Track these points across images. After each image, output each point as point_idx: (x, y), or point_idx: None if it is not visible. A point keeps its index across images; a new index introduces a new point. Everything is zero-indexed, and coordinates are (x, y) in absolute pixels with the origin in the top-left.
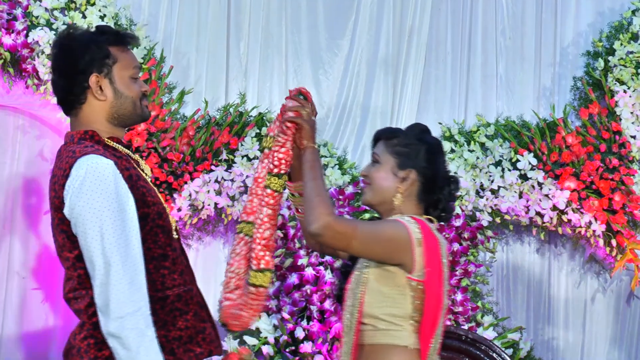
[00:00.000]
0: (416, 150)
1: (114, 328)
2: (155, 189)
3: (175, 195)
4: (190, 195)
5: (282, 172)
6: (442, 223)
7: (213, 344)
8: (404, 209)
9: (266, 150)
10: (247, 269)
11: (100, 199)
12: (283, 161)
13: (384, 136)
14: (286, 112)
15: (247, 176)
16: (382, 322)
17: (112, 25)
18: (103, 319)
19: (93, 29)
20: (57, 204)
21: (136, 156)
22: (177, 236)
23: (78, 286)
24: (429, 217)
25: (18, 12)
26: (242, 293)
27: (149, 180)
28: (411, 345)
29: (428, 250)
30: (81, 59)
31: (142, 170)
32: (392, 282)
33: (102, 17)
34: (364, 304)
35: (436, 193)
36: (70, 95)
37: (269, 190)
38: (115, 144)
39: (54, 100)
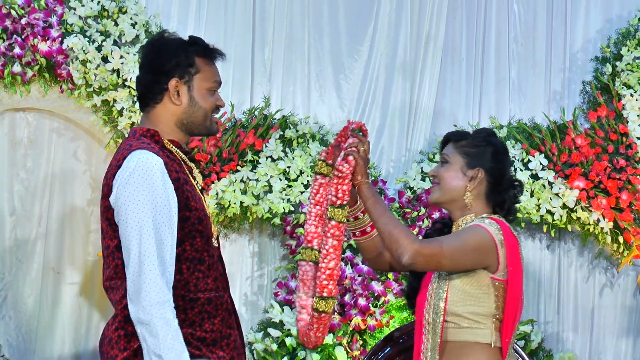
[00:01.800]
0: (484, 151)
1: (143, 315)
2: (202, 196)
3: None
4: (217, 194)
5: (345, 203)
6: None
7: (236, 351)
8: (475, 208)
9: (317, 176)
10: (313, 292)
11: (145, 192)
12: (346, 194)
13: (453, 138)
14: (348, 147)
15: (270, 176)
16: (466, 320)
17: (143, 33)
18: (133, 307)
19: (186, 38)
20: (106, 192)
21: (192, 164)
22: (217, 245)
23: (114, 275)
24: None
25: (53, 20)
26: (311, 315)
27: (197, 187)
28: (493, 342)
29: (510, 250)
30: (167, 62)
31: (194, 178)
32: (477, 282)
33: (133, 25)
34: (447, 302)
35: (502, 194)
36: (149, 92)
37: (333, 222)
38: (173, 147)
39: (87, 104)
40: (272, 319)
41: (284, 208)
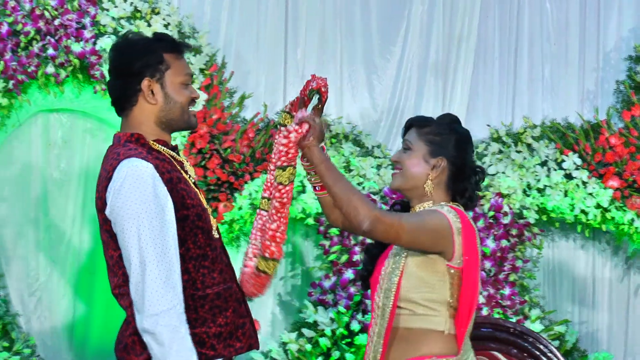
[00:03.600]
0: (447, 140)
1: (148, 325)
2: (196, 190)
3: (236, 195)
4: (250, 194)
5: (288, 165)
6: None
7: (252, 339)
8: (434, 196)
9: (281, 128)
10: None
11: (139, 200)
12: (289, 155)
13: (417, 124)
14: (298, 118)
15: (304, 176)
16: (420, 307)
17: (176, 33)
18: (138, 316)
19: (151, 36)
20: (100, 205)
21: (182, 157)
22: (217, 236)
23: (123, 283)
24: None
25: (86, 21)
26: (252, 270)
27: (191, 182)
28: (447, 330)
29: (466, 239)
30: (136, 62)
31: (186, 172)
32: (432, 268)
33: (166, 26)
34: (400, 288)
35: (464, 182)
36: (123, 96)
37: (275, 183)
38: (160, 146)
39: None
40: (306, 319)
41: (317, 208)
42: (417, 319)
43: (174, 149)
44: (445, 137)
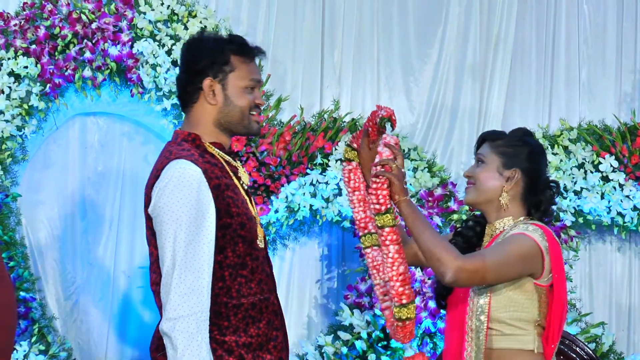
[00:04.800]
0: (520, 151)
1: (166, 328)
2: (246, 198)
3: (272, 198)
4: (286, 197)
5: (390, 207)
6: None
7: (283, 352)
8: (510, 209)
9: (344, 163)
10: (387, 277)
11: (180, 203)
12: (387, 198)
13: (489, 138)
14: (379, 164)
15: (340, 179)
16: (509, 327)
17: None
18: (162, 317)
19: (225, 36)
20: (146, 202)
21: (237, 163)
22: (262, 246)
23: (159, 281)
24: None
25: (123, 24)
26: (394, 324)
27: (242, 189)
28: (537, 349)
29: (554, 256)
30: (201, 60)
31: (239, 179)
32: (520, 288)
33: (203, 29)
34: (491, 308)
35: (538, 195)
36: (185, 92)
37: (387, 229)
38: (216, 149)
39: (158, 107)
40: (342, 322)
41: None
42: (506, 339)
43: (231, 153)
44: (518, 148)
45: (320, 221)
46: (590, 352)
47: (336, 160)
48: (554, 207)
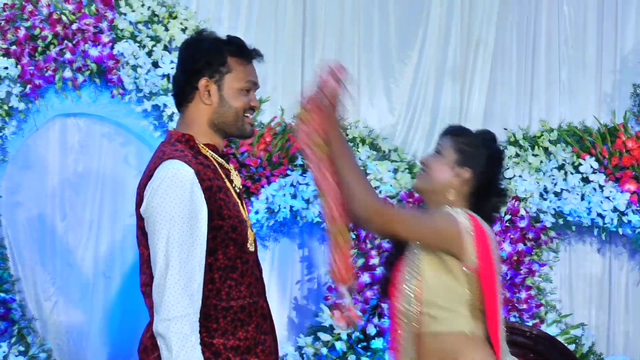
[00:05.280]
0: (479, 153)
1: (161, 329)
2: (238, 201)
3: (252, 199)
4: (267, 198)
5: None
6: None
7: (271, 356)
8: (451, 205)
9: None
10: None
11: (173, 203)
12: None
13: (453, 132)
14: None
15: None
16: (441, 310)
17: None
18: (155, 317)
19: (224, 37)
20: (138, 201)
21: (230, 166)
22: (252, 249)
23: (149, 282)
24: None
25: (104, 25)
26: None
27: (234, 192)
28: (474, 332)
29: (479, 242)
30: (198, 60)
31: (232, 181)
32: (448, 270)
33: (183, 30)
34: (422, 292)
35: (484, 200)
36: (181, 91)
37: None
38: (209, 151)
39: (139, 109)
40: (322, 323)
41: None
42: (438, 322)
43: (224, 156)
44: (478, 150)
45: (301, 222)
46: (571, 353)
47: None
48: (497, 215)
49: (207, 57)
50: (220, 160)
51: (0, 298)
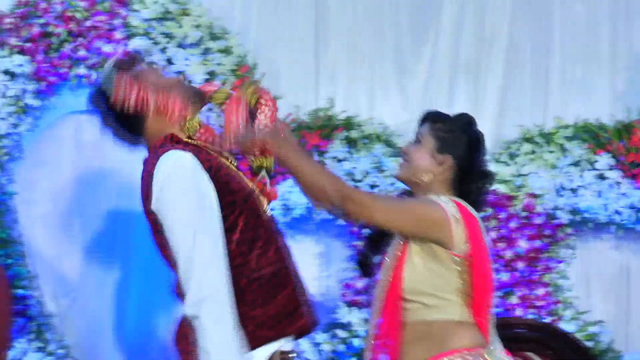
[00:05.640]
0: (458, 138)
1: (191, 311)
2: (240, 174)
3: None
4: (282, 195)
5: None
6: None
7: (316, 314)
8: (436, 192)
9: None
10: None
11: (182, 190)
12: None
13: (431, 118)
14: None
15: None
16: (431, 298)
17: (207, 35)
18: (185, 302)
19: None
20: (146, 205)
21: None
22: (269, 215)
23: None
24: None
25: (117, 22)
26: None
27: (233, 166)
28: (464, 318)
29: (469, 227)
30: None
31: (227, 159)
32: (434, 256)
33: (196, 27)
34: (405, 280)
35: (469, 184)
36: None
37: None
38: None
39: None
40: (339, 320)
41: None
42: (427, 310)
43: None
44: (456, 135)
45: (317, 219)
46: (588, 350)
47: (332, 158)
48: (484, 198)
49: None
50: (206, 144)
51: (18, 295)
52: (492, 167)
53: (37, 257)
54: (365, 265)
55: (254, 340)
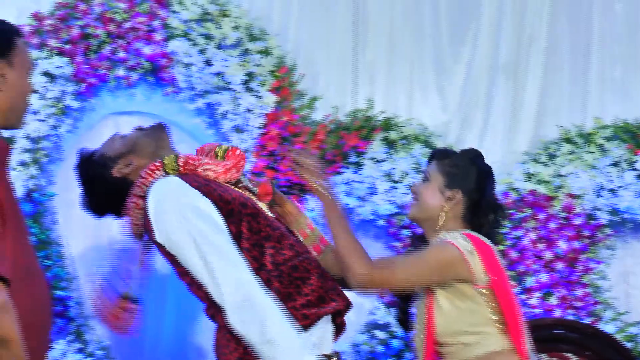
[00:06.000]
0: (465, 172)
1: (233, 320)
2: (228, 186)
3: (307, 196)
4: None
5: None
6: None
7: (346, 296)
8: (448, 228)
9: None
10: None
11: (177, 213)
12: None
13: (438, 155)
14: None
15: (374, 178)
16: (469, 335)
17: (246, 36)
18: (225, 314)
19: None
20: (154, 239)
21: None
22: (273, 216)
23: (209, 303)
24: None
25: (156, 23)
26: None
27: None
28: (504, 347)
29: (483, 257)
30: None
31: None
32: (462, 295)
33: (235, 28)
34: (438, 324)
35: (480, 217)
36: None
37: None
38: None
39: (191, 106)
40: (378, 321)
41: (388, 210)
42: (471, 348)
43: None
44: (463, 169)
45: (355, 220)
46: (628, 351)
47: (370, 159)
48: (498, 231)
49: None
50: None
51: (58, 296)
52: (530, 167)
53: (77, 259)
54: (406, 322)
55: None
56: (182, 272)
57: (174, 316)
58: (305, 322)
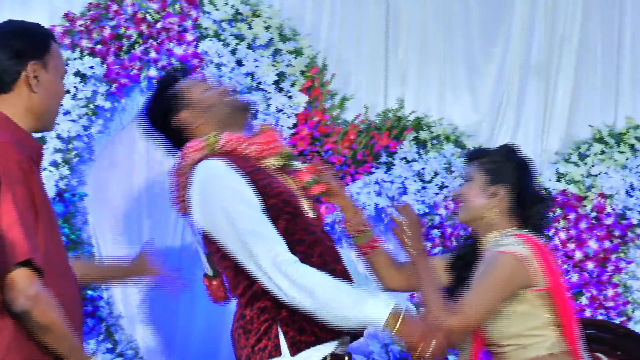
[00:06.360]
0: (504, 167)
1: (267, 279)
2: (279, 177)
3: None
4: (351, 196)
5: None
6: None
7: None
8: (499, 225)
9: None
10: None
11: (219, 194)
12: None
13: (475, 155)
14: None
15: (405, 178)
16: (527, 338)
17: (277, 36)
18: (278, 292)
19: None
20: (189, 214)
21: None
22: (315, 216)
23: (238, 288)
24: None
25: (188, 24)
26: None
27: (271, 169)
28: (559, 350)
29: (542, 261)
30: None
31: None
32: (521, 300)
33: (267, 28)
34: (494, 327)
35: (526, 209)
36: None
37: None
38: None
39: None
40: None
41: (419, 209)
42: (526, 350)
43: None
44: (502, 164)
45: (386, 220)
46: None
47: (401, 159)
48: (546, 222)
49: None
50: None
51: (88, 296)
52: (561, 167)
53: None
54: None
55: (301, 344)
56: (219, 256)
57: (204, 316)
58: (311, 338)
